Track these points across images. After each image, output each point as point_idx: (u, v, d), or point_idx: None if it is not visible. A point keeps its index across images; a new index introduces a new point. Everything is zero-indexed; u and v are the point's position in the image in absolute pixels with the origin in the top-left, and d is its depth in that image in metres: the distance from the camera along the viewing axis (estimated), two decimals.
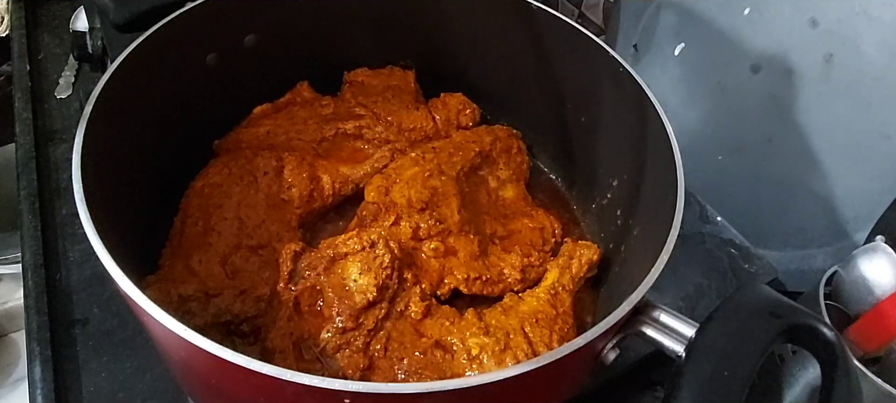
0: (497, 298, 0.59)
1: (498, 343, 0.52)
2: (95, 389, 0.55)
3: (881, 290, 0.60)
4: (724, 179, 0.85)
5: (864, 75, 0.69)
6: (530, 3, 0.65)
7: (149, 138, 0.57)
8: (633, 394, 0.62)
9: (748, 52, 0.79)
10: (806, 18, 0.73)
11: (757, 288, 0.42)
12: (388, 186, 0.62)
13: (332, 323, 0.51)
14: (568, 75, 0.67)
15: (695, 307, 0.67)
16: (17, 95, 0.80)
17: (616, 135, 0.63)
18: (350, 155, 0.69)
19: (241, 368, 0.34)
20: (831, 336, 0.40)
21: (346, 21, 0.72)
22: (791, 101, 0.76)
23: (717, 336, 0.39)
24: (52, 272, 0.63)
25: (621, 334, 0.43)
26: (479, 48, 0.73)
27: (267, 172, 0.62)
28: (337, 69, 0.75)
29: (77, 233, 0.66)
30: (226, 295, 0.54)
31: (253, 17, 0.65)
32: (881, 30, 0.67)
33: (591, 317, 0.61)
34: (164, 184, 0.60)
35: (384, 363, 0.52)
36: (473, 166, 0.67)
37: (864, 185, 0.72)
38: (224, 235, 0.57)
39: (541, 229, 0.65)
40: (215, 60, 0.64)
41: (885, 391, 0.55)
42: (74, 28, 0.88)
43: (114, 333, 0.59)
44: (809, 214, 0.78)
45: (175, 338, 0.36)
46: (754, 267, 0.72)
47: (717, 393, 0.37)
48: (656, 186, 0.54)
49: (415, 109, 0.71)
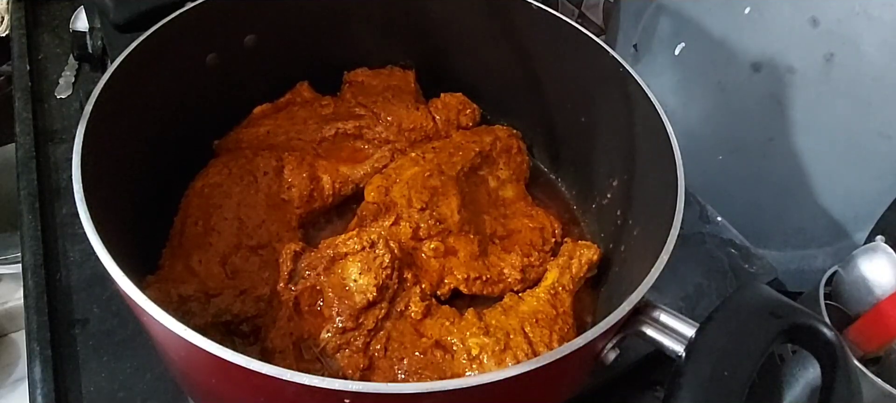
0: (497, 298, 0.59)
1: (498, 343, 0.52)
2: (95, 389, 0.55)
3: (881, 290, 0.60)
4: (724, 179, 0.85)
5: (864, 75, 0.69)
6: (530, 3, 0.65)
7: (149, 138, 0.57)
8: (633, 394, 0.62)
9: (748, 51, 0.79)
10: (806, 18, 0.73)
11: (757, 288, 0.42)
12: (388, 186, 0.62)
13: (332, 323, 0.51)
14: (568, 75, 0.67)
15: (695, 307, 0.67)
16: (17, 95, 0.80)
17: (616, 135, 0.63)
18: (350, 155, 0.69)
19: (241, 368, 0.34)
20: (831, 336, 0.40)
21: (345, 21, 0.72)
22: (791, 101, 0.76)
23: (717, 336, 0.39)
24: (52, 272, 0.63)
25: (621, 334, 0.43)
26: (480, 48, 0.73)
27: (267, 172, 0.62)
28: (337, 69, 0.75)
29: (77, 233, 0.66)
30: (226, 295, 0.54)
31: (253, 17, 0.65)
32: (881, 30, 0.67)
33: (591, 317, 0.61)
34: (164, 184, 0.59)
35: (384, 363, 0.52)
36: (473, 166, 0.67)
37: (864, 185, 0.72)
38: (224, 235, 0.57)
39: (541, 229, 0.65)
40: (215, 60, 0.64)
41: (885, 391, 0.55)
42: (74, 28, 0.88)
43: (114, 333, 0.59)
44: (809, 214, 0.78)
45: (175, 338, 0.36)
46: (754, 267, 0.72)
47: (717, 393, 0.37)
48: (656, 186, 0.54)
49: (415, 109, 0.71)
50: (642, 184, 0.59)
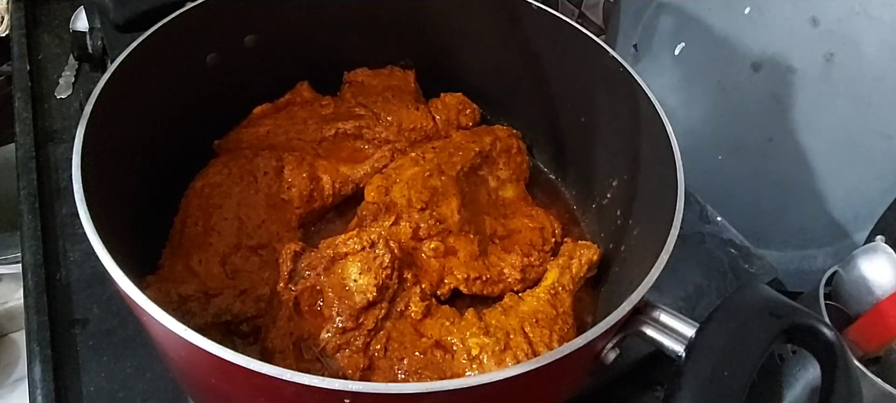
0: (497, 298, 0.59)
1: (498, 343, 0.52)
2: (95, 389, 0.55)
3: (881, 290, 0.60)
4: (724, 179, 0.85)
5: (864, 75, 0.69)
6: (530, 3, 0.65)
7: (149, 138, 0.57)
8: (633, 394, 0.62)
9: (748, 51, 0.79)
10: (806, 17, 0.73)
11: (757, 288, 0.42)
12: (388, 186, 0.62)
13: (332, 323, 0.51)
14: (568, 75, 0.67)
15: (695, 307, 0.67)
16: (17, 95, 0.80)
17: (616, 134, 0.63)
18: (350, 155, 0.69)
19: (241, 368, 0.34)
20: (831, 336, 0.40)
21: (346, 21, 0.72)
22: (792, 101, 0.76)
23: (717, 336, 0.39)
24: (52, 272, 0.63)
25: (621, 334, 0.43)
26: (480, 48, 0.73)
27: (267, 172, 0.62)
28: (337, 69, 0.75)
29: (77, 233, 0.66)
30: (226, 295, 0.54)
31: (253, 17, 0.65)
32: (881, 30, 0.67)
33: (591, 317, 0.61)
34: (164, 184, 0.59)
35: (384, 363, 0.52)
36: (473, 166, 0.67)
37: (864, 185, 0.72)
38: (224, 235, 0.57)
39: (541, 229, 0.65)
40: (215, 60, 0.64)
41: (885, 391, 0.55)
42: (74, 28, 0.88)
43: (114, 333, 0.59)
44: (809, 214, 0.78)
45: (175, 338, 0.36)
46: (754, 267, 0.72)
47: (717, 393, 0.37)
48: (656, 186, 0.54)
49: (415, 109, 0.71)
50: (642, 184, 0.59)
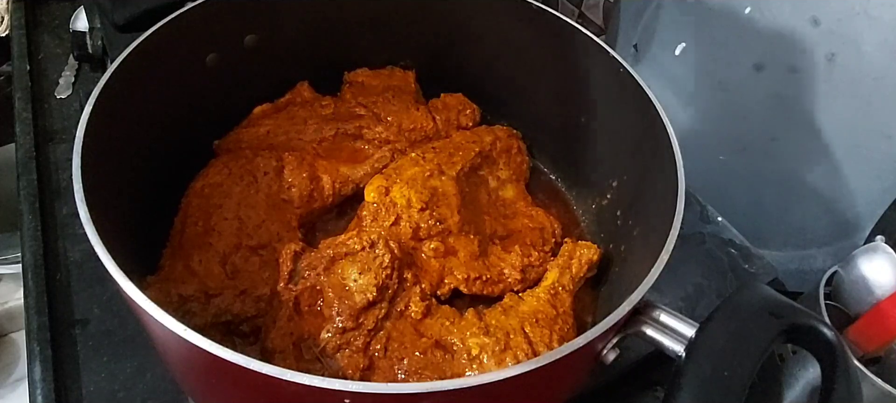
0: (497, 298, 0.59)
1: (498, 343, 0.52)
2: (95, 389, 0.55)
3: (881, 290, 0.60)
4: (724, 179, 0.85)
5: (864, 75, 0.69)
6: (530, 3, 0.65)
7: (149, 138, 0.57)
8: (633, 394, 0.62)
9: (749, 51, 0.79)
10: (807, 17, 0.73)
11: (757, 288, 0.42)
12: (388, 186, 0.62)
13: (332, 323, 0.51)
14: (568, 75, 0.67)
15: (695, 307, 0.67)
16: (17, 95, 0.80)
17: (616, 135, 0.63)
18: (350, 155, 0.69)
19: (241, 368, 0.34)
20: (831, 336, 0.40)
21: (346, 21, 0.72)
22: (794, 101, 0.76)
23: (717, 336, 0.39)
24: (52, 272, 0.63)
25: (621, 334, 0.43)
26: (479, 48, 0.73)
27: (267, 172, 0.62)
28: (337, 69, 0.75)
29: (77, 233, 0.66)
30: (226, 295, 0.54)
31: (253, 17, 0.65)
32: (882, 30, 0.67)
33: (591, 317, 0.61)
34: (164, 184, 0.59)
35: (384, 363, 0.52)
36: (473, 166, 0.67)
37: (864, 185, 0.72)
38: (224, 235, 0.57)
39: (541, 229, 0.65)
40: (215, 60, 0.64)
41: (885, 391, 0.55)
42: (74, 28, 0.88)
43: (114, 333, 0.59)
44: (810, 214, 0.78)
45: (175, 338, 0.36)
46: (754, 267, 0.72)
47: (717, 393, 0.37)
48: (656, 186, 0.54)
49: (415, 109, 0.71)
50: (642, 184, 0.59)
